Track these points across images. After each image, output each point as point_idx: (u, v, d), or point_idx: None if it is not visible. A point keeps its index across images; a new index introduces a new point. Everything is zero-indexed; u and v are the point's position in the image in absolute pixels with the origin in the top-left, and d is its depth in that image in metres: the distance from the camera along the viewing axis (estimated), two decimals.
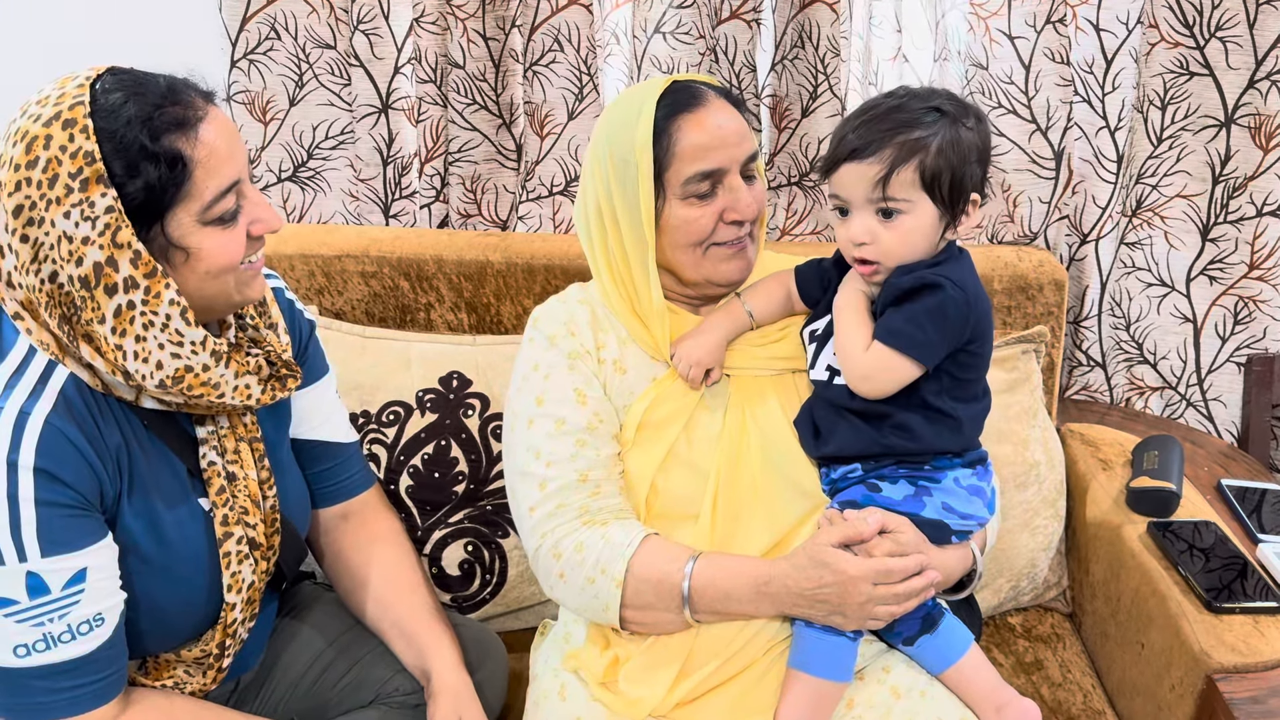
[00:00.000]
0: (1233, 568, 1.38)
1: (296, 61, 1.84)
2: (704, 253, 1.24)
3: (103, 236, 0.96)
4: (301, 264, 1.76)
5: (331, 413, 1.34)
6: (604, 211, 1.25)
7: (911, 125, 1.08)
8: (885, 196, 1.10)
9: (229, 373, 1.07)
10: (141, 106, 0.98)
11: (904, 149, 1.08)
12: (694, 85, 1.24)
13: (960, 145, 1.09)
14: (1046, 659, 1.55)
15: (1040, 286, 1.70)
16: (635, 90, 1.26)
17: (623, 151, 1.21)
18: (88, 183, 0.95)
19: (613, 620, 1.17)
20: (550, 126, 1.84)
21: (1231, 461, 1.78)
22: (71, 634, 1.00)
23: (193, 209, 1.00)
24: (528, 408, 1.25)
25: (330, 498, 1.35)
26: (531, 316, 1.33)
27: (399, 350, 1.65)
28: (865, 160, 1.09)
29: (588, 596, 1.18)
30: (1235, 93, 1.74)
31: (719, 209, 1.22)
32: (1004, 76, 1.74)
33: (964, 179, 1.10)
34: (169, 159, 0.98)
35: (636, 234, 1.23)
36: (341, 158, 1.91)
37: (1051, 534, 1.60)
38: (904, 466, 1.16)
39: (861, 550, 1.12)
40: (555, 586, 1.21)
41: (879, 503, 1.15)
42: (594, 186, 1.26)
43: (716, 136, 1.20)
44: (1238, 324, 1.86)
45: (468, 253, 1.75)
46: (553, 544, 1.19)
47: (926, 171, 1.08)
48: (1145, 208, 1.84)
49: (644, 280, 1.25)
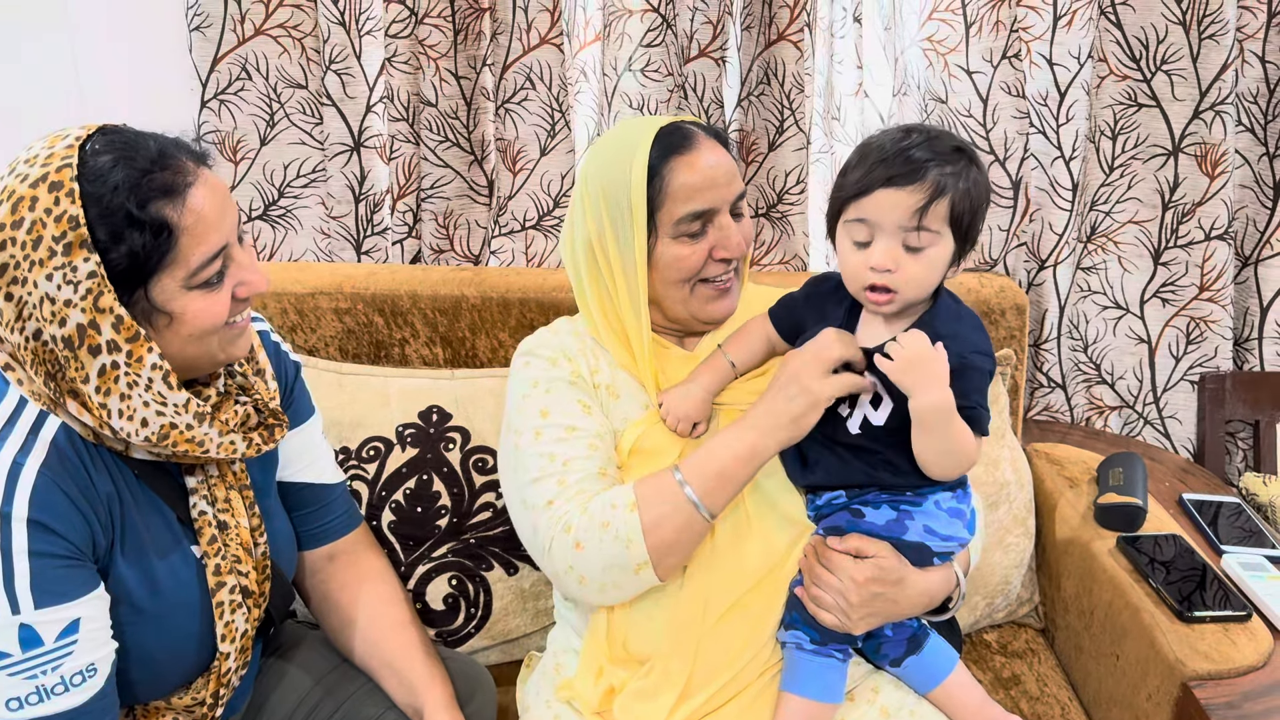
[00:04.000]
0: (1200, 578, 1.42)
1: (267, 101, 1.84)
2: (691, 290, 1.27)
3: (85, 300, 0.95)
4: (274, 302, 1.75)
5: (318, 455, 1.34)
6: (594, 248, 1.27)
7: (946, 161, 1.10)
8: (920, 226, 1.09)
9: (213, 431, 1.07)
10: (129, 172, 0.97)
11: (942, 182, 1.09)
12: (685, 126, 1.27)
13: (979, 187, 1.12)
14: (1023, 674, 1.58)
15: (1003, 311, 1.75)
16: (628, 130, 1.28)
17: (616, 192, 1.23)
18: (71, 247, 0.94)
19: (639, 557, 1.13)
20: (522, 162, 1.86)
21: (1190, 476, 1.84)
22: (65, 686, 0.98)
23: (178, 275, 1.00)
24: (532, 421, 1.24)
25: (317, 539, 1.35)
26: (522, 347, 1.34)
27: (377, 386, 1.65)
28: (906, 188, 1.08)
29: (608, 543, 1.14)
30: (1181, 123, 1.82)
31: (708, 247, 1.25)
32: (963, 109, 1.80)
33: (977, 220, 1.13)
34: (155, 227, 0.97)
35: (629, 272, 1.25)
36: (313, 196, 1.91)
37: (1023, 551, 1.64)
38: (886, 492, 1.20)
39: (845, 577, 1.14)
40: (575, 563, 1.16)
41: (862, 529, 1.18)
42: (584, 223, 1.28)
43: (708, 178, 1.23)
44: (1190, 344, 1.93)
45: (442, 288, 1.75)
46: (564, 525, 1.17)
47: (956, 207, 1.10)
48: (1099, 234, 1.91)
49: (633, 317, 1.27)
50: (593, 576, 1.16)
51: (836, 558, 1.16)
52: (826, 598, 1.16)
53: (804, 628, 1.18)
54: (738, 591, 1.21)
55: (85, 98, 1.80)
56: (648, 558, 1.13)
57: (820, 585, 1.17)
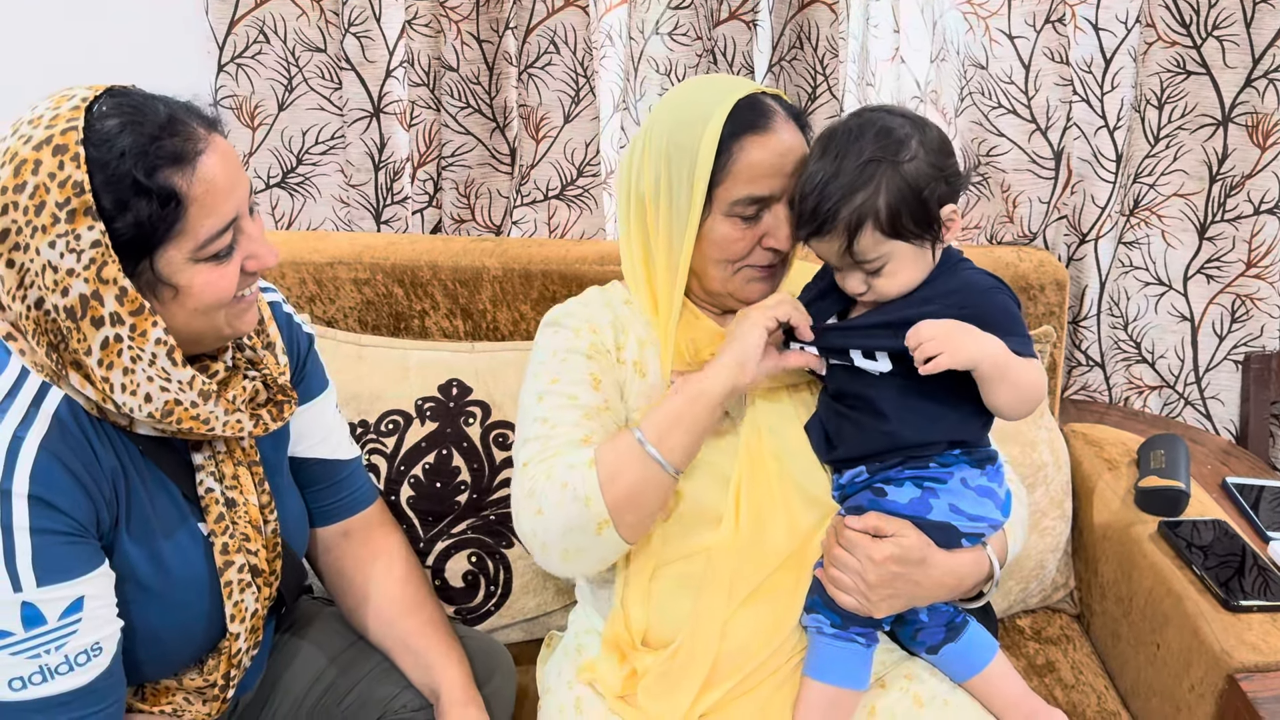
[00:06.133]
0: (1246, 566, 1.37)
1: (285, 65, 1.80)
2: (734, 271, 1.22)
3: (88, 270, 0.92)
4: (292, 272, 1.72)
5: (332, 429, 1.30)
6: (647, 205, 1.22)
7: (852, 191, 1.07)
8: (857, 261, 1.11)
9: (219, 409, 1.03)
10: (137, 138, 0.92)
11: (853, 218, 1.07)
12: (765, 101, 1.20)
13: (908, 183, 1.07)
14: (1058, 660, 1.53)
15: (1042, 287, 1.69)
16: (707, 90, 1.21)
17: (680, 156, 1.18)
18: (75, 214, 0.90)
19: (599, 514, 1.09)
20: (545, 130, 1.81)
21: (1232, 459, 1.78)
22: (69, 665, 0.96)
23: (185, 247, 0.95)
24: (541, 386, 1.22)
25: (331, 516, 1.31)
26: (549, 315, 1.30)
27: (396, 358, 1.62)
28: (824, 238, 1.11)
29: (567, 503, 1.10)
30: (1232, 91, 1.75)
31: (760, 234, 1.20)
32: (1004, 76, 1.73)
33: (926, 208, 1.09)
34: (162, 196, 0.92)
35: (675, 243, 1.20)
36: (332, 163, 1.87)
37: (1059, 535, 1.59)
38: (909, 467, 1.15)
39: (862, 556, 1.10)
40: (537, 529, 1.13)
41: (884, 507, 1.13)
42: (640, 175, 1.23)
43: (775, 165, 1.17)
44: (1235, 322, 1.87)
45: (463, 258, 1.72)
46: (529, 490, 1.14)
47: (885, 225, 1.08)
48: (1143, 207, 1.84)
49: (667, 286, 1.22)
50: (553, 541, 1.12)
51: (854, 536, 1.12)
52: (844, 578, 1.12)
53: (825, 611, 1.14)
54: (762, 574, 1.17)
55: (97, 59, 1.76)
56: (607, 514, 1.09)
57: (838, 565, 1.13)
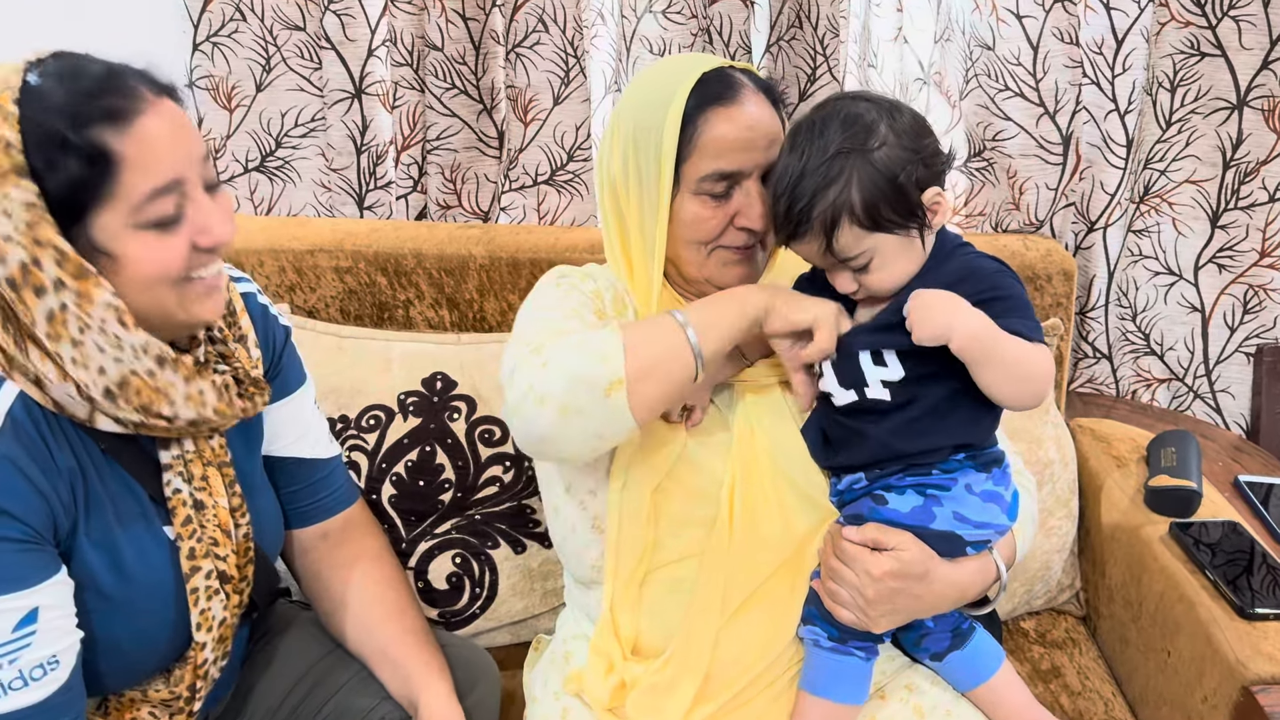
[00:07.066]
0: (1263, 570, 1.31)
1: (263, 44, 1.73)
2: (708, 253, 1.16)
3: (23, 234, 0.87)
4: (271, 260, 1.66)
5: (309, 427, 1.23)
6: (619, 190, 1.17)
7: (823, 189, 1.01)
8: (839, 260, 1.05)
9: (178, 378, 0.97)
10: (71, 95, 0.87)
11: (828, 217, 1.01)
12: (732, 74, 1.15)
13: (881, 172, 1.01)
14: (1063, 665, 1.48)
15: (1049, 277, 1.63)
16: (670, 68, 1.17)
17: (645, 136, 1.13)
18: (6, 175, 0.86)
19: (614, 373, 0.98)
20: (534, 112, 1.74)
21: (1243, 455, 1.72)
22: (24, 680, 0.90)
23: (120, 210, 0.89)
24: (546, 301, 1.17)
25: (308, 517, 1.25)
26: (555, 270, 1.25)
27: (378, 350, 1.56)
28: (802, 240, 1.05)
29: (582, 356, 0.99)
30: (1248, 74, 1.68)
31: (731, 212, 1.14)
32: (1011, 57, 1.66)
33: (905, 195, 1.02)
34: (92, 154, 0.87)
35: (647, 226, 1.16)
36: (312, 146, 1.80)
37: (1065, 534, 1.54)
38: (911, 474, 1.08)
39: (860, 571, 1.04)
40: (537, 382, 0.99)
41: (885, 516, 1.07)
42: (609, 162, 1.19)
43: (743, 137, 1.11)
44: (1247, 313, 1.81)
45: (449, 246, 1.65)
46: (535, 348, 1.03)
47: (863, 219, 1.01)
48: (1153, 194, 1.78)
49: (644, 274, 1.17)
50: (554, 393, 0.98)
51: (852, 549, 1.06)
52: (842, 593, 1.06)
53: (822, 623, 1.08)
54: (756, 580, 1.11)
55: (65, 37, 1.68)
56: (623, 375, 0.98)
57: (835, 579, 1.07)
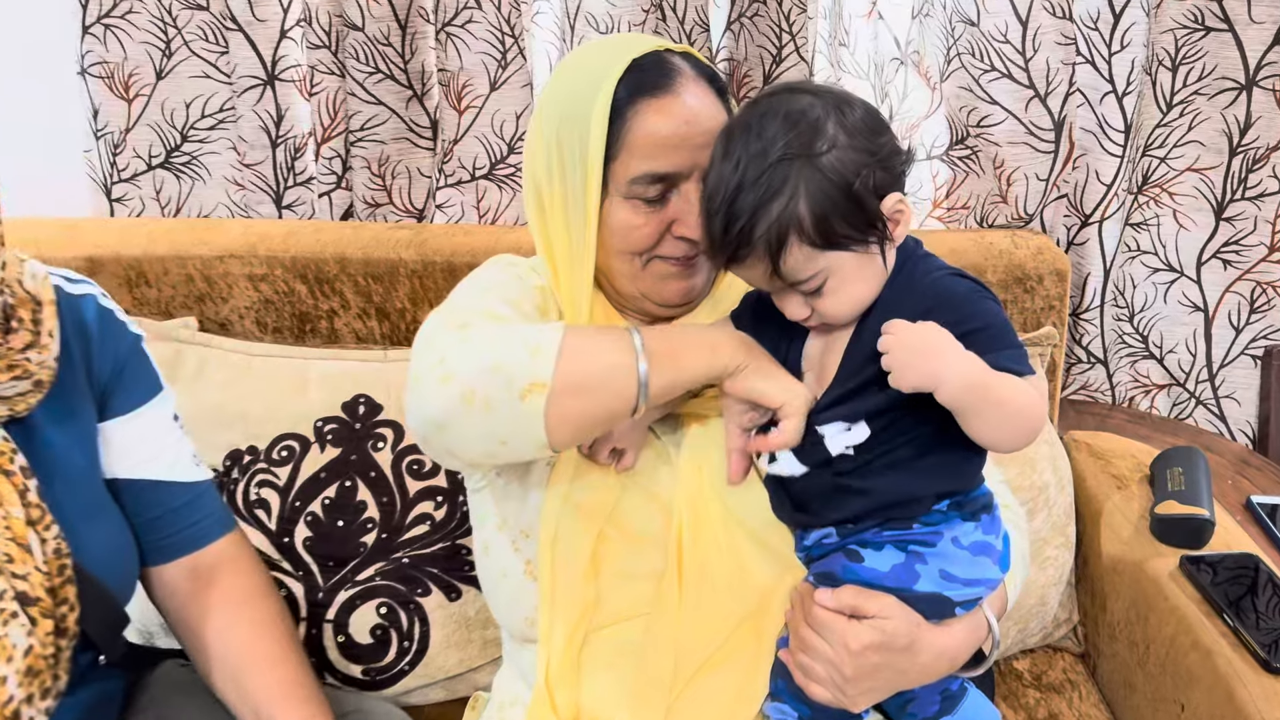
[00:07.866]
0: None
1: (162, 26, 1.56)
2: (644, 265, 1.01)
3: None
4: (176, 267, 1.49)
5: (165, 445, 1.06)
6: (541, 192, 1.02)
7: (765, 204, 0.84)
8: (789, 284, 0.88)
9: None
10: None
11: (772, 237, 0.84)
12: (669, 60, 0.99)
13: (832, 180, 0.84)
14: (1062, 712, 1.34)
15: (1040, 277, 1.48)
16: (599, 52, 1.02)
17: (569, 131, 0.98)
18: None
19: (541, 372, 0.85)
20: (470, 99, 1.58)
21: (1251, 469, 1.59)
22: None
23: None
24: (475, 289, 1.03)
25: (168, 551, 1.07)
26: (502, 256, 1.11)
27: (294, 370, 1.40)
28: (743, 265, 0.89)
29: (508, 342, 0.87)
30: (1258, 51, 1.53)
31: (667, 220, 0.98)
32: (997, 34, 1.51)
33: (862, 205, 0.85)
34: None
35: (574, 233, 1.00)
36: (222, 139, 1.64)
37: (1062, 565, 1.39)
38: (889, 528, 0.92)
39: (837, 643, 0.89)
40: (449, 355, 0.87)
41: (861, 576, 0.91)
42: (534, 160, 1.03)
43: (680, 135, 0.96)
44: (1254, 313, 1.67)
45: (376, 249, 1.49)
46: (461, 322, 0.92)
47: (814, 236, 0.85)
48: (1153, 183, 1.63)
49: (568, 289, 1.03)
50: (464, 374, 0.86)
51: (826, 617, 0.90)
52: (816, 668, 0.91)
53: (791, 700, 0.93)
54: (714, 643, 0.96)
55: None
56: (549, 379, 0.85)
57: (807, 652, 0.91)
